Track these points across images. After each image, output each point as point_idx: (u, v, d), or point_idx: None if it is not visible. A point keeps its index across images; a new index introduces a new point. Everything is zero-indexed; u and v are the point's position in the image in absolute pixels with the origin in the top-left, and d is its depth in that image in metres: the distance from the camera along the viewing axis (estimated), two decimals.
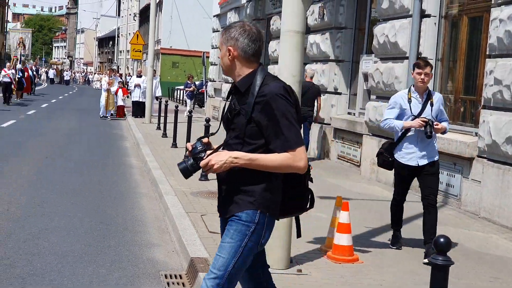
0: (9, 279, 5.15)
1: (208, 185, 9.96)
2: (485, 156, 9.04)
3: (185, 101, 29.28)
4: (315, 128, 14.79)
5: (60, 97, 40.27)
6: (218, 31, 26.70)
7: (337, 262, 6.13)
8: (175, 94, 41.35)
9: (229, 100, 3.46)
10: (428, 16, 10.77)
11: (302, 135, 14.46)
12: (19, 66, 31.39)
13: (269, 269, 3.70)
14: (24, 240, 6.37)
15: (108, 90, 23.94)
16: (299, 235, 3.69)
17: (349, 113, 14.30)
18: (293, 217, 3.71)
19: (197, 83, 31.12)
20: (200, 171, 10.49)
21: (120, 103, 24.77)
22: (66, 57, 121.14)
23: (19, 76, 29.97)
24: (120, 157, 13.85)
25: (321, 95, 14.10)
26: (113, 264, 5.87)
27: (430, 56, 10.82)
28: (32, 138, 16.20)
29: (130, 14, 68.37)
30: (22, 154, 13.04)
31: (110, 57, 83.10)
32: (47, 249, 6.14)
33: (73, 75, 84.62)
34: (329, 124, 14.47)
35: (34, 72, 39.43)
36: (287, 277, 5.50)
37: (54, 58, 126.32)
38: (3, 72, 28.20)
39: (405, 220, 7.58)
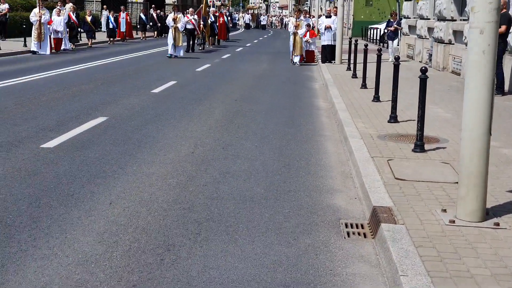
0: (185, 224, 5.14)
1: (397, 128, 9.41)
2: None
3: (386, 43, 25.72)
4: None
5: (255, 41, 41.18)
6: None
7: None
8: (369, 33, 40.26)
9: None
10: None
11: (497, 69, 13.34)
12: (212, 9, 31.93)
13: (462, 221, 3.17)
14: (205, 184, 6.39)
15: (295, 34, 22.18)
16: None
17: None
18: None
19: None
20: (390, 112, 10.04)
21: (310, 47, 23.08)
22: (262, 1, 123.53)
23: (211, 21, 29.96)
24: (308, 98, 13.68)
25: None
26: (292, 210, 5.67)
27: None
28: (224, 81, 16.61)
29: None
30: (213, 96, 13.35)
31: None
32: (226, 193, 6.09)
33: (270, 19, 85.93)
34: None
35: (227, 18, 39.97)
36: (482, 231, 4.91)
37: (251, 3, 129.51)
38: (185, 18, 26.36)
39: None
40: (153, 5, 41.55)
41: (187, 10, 28.16)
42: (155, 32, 40.25)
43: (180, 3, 59.85)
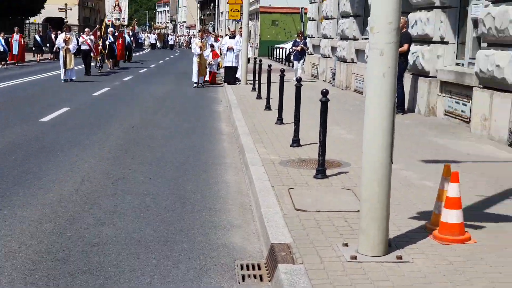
0: (56, 279, 4.52)
1: (300, 152, 9.11)
2: None
3: (292, 63, 25.20)
4: (421, 82, 13.50)
5: (160, 62, 40.47)
6: None
7: (444, 243, 5.13)
8: (275, 53, 40.47)
9: None
10: None
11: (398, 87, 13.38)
12: (110, 29, 30.56)
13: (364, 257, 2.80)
14: (86, 227, 5.76)
15: (200, 55, 21.32)
16: None
17: (457, 64, 12.89)
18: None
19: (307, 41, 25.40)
20: (293, 136, 9.75)
21: (212, 68, 22.61)
22: (170, 21, 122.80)
23: (110, 41, 28.27)
24: (211, 122, 13.24)
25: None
26: (182, 253, 5.16)
27: None
28: (123, 105, 15.92)
29: None
30: (109, 123, 12.66)
31: (211, 19, 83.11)
32: (110, 237, 5.50)
33: (177, 39, 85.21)
34: (435, 77, 13.13)
35: (131, 38, 38.52)
36: (384, 267, 4.58)
37: (158, 23, 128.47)
38: (80, 39, 25.19)
39: None
40: (49, 26, 39.75)
41: (84, 30, 26.65)
42: (50, 55, 37.74)
43: (82, 23, 58.20)
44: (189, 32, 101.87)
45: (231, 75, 22.04)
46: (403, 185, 7.16)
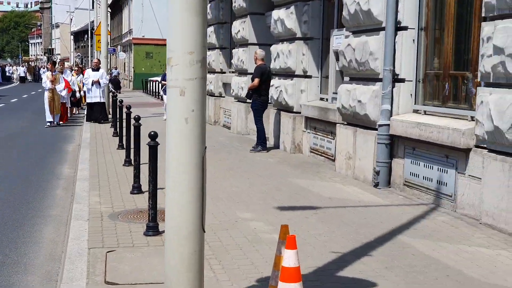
0: None
1: (140, 200, 7.88)
2: (485, 146, 7.03)
3: (162, 96, 22.78)
4: (285, 118, 12.71)
5: (25, 96, 37.90)
6: None
7: None
8: (149, 86, 39.09)
9: None
10: None
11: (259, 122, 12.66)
12: None
13: None
14: None
15: (52, 90, 18.77)
16: None
17: (321, 99, 12.21)
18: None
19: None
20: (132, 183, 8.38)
21: (63, 100, 19.67)
22: (43, 53, 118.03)
23: None
24: (52, 164, 11.71)
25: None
26: None
27: (411, 24, 8.79)
28: None
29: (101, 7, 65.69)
30: None
31: (85, 51, 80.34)
32: None
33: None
34: (299, 113, 12.38)
35: None
36: None
37: (32, 55, 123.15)
38: None
39: None
40: None
41: None
42: None
43: None
44: (72, 64, 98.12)
45: (98, 112, 19.43)
46: (249, 240, 6.11)
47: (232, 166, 10.74)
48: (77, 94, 22.13)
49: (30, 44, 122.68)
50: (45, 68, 44.68)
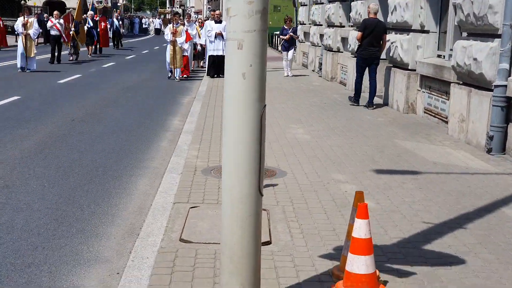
0: None
1: None
2: None
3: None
4: (399, 75, 12.15)
5: (156, 48, 39.08)
6: None
7: None
8: (275, 40, 38.95)
9: None
10: None
11: (369, 78, 12.47)
12: (90, 13, 27.66)
13: None
14: None
15: (173, 42, 18.39)
16: None
17: (438, 56, 11.51)
18: None
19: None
20: None
21: (183, 53, 18.99)
22: (178, 6, 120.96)
23: (89, 27, 26.25)
24: (164, 116, 11.93)
25: (387, 33, 12.58)
26: None
27: None
28: (82, 94, 14.66)
29: None
30: (49, 115, 11.42)
31: (217, 4, 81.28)
32: None
33: None
34: (414, 70, 11.77)
35: (119, 22, 36.16)
36: None
37: (168, 7, 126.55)
38: (49, 23, 23.13)
39: None
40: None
41: (53, 13, 24.18)
42: (37, 40, 36.22)
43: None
44: (197, 17, 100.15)
45: (217, 66, 18.99)
46: (336, 204, 5.87)
47: (338, 124, 10.43)
48: (199, 47, 22.26)
49: None
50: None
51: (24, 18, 19.76)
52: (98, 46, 29.56)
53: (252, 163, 3.37)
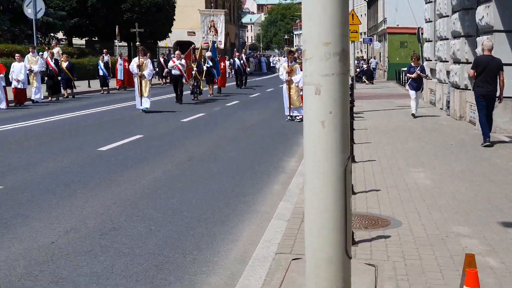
0: None
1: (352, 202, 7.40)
2: None
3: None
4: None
5: (281, 86, 39.19)
6: (431, 1, 23.17)
7: None
8: (401, 77, 38.07)
9: None
10: None
11: (485, 117, 11.68)
12: (208, 54, 27.57)
13: None
14: None
15: (289, 82, 17.92)
16: None
17: None
18: None
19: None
20: None
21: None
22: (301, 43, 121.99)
23: (208, 66, 26.08)
24: (278, 156, 11.69)
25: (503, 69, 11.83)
26: None
27: None
28: (201, 133, 14.82)
29: None
30: (167, 154, 11.56)
31: None
32: None
33: None
34: None
35: (241, 61, 36.33)
36: None
37: (295, 45, 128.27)
38: (171, 63, 23.41)
39: None
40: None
41: (175, 53, 24.43)
42: (159, 79, 37.18)
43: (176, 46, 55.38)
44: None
45: None
46: (454, 262, 5.30)
47: (464, 168, 9.71)
48: None
49: (294, 35, 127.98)
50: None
51: (139, 59, 20.00)
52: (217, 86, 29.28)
53: (336, 222, 3.01)
